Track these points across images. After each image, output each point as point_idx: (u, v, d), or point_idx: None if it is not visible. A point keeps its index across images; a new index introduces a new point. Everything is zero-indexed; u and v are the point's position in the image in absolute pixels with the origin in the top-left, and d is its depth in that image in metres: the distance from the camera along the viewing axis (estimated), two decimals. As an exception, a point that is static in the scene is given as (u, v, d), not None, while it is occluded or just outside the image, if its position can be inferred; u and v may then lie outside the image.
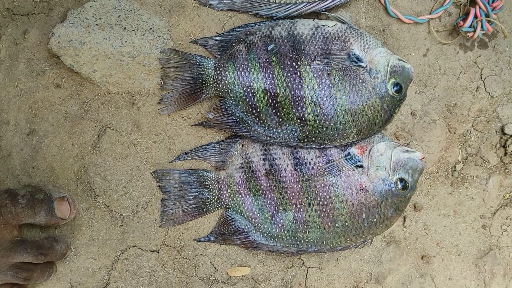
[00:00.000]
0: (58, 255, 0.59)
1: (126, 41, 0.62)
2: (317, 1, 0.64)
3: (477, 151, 0.72)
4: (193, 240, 0.67)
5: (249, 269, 0.68)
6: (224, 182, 0.65)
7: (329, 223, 0.63)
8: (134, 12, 0.63)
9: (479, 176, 0.72)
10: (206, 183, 0.66)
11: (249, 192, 0.65)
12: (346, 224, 0.63)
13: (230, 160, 0.66)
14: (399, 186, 0.62)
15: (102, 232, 0.65)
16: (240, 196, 0.65)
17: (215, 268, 0.67)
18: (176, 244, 0.67)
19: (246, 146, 0.66)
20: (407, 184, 0.62)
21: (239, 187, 0.65)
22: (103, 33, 0.61)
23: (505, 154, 0.71)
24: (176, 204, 0.66)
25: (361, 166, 0.63)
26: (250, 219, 0.65)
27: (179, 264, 0.67)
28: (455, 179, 0.72)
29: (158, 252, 0.66)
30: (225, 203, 0.66)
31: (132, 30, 0.62)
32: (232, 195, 0.65)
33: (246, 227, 0.66)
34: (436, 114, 0.71)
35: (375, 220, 0.63)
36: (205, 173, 0.66)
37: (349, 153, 0.64)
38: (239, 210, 0.66)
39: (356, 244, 0.65)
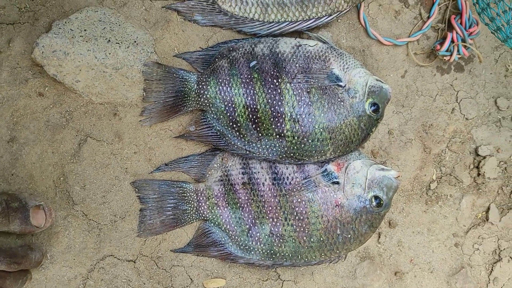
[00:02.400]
0: (33, 264, 0.59)
1: (110, 53, 0.63)
2: (299, 21, 0.66)
3: (451, 171, 0.74)
4: (170, 250, 0.67)
5: (225, 281, 0.68)
6: (202, 194, 0.66)
7: (305, 238, 0.64)
8: (119, 25, 0.64)
9: (453, 195, 0.74)
10: (185, 194, 0.66)
11: (227, 204, 0.66)
12: (321, 239, 0.64)
13: (209, 172, 0.67)
14: (374, 203, 0.63)
15: (79, 240, 0.65)
16: (218, 208, 0.66)
17: (191, 279, 0.68)
18: (153, 254, 0.67)
19: (225, 159, 0.67)
20: (382, 202, 0.63)
21: (218, 199, 0.66)
22: (87, 45, 0.62)
23: (478, 174, 0.73)
24: (154, 214, 0.66)
25: (337, 183, 0.64)
26: (227, 231, 0.66)
27: (155, 274, 0.67)
28: (429, 197, 0.73)
29: (134, 262, 0.67)
30: (203, 215, 0.66)
31: (117, 43, 0.63)
32: (210, 207, 0.66)
33: (223, 239, 0.66)
34: (412, 133, 0.72)
35: (349, 236, 0.64)
36: (184, 184, 0.66)
37: (326, 169, 0.65)
38: (216, 222, 0.66)
39: (331, 259, 0.66)
